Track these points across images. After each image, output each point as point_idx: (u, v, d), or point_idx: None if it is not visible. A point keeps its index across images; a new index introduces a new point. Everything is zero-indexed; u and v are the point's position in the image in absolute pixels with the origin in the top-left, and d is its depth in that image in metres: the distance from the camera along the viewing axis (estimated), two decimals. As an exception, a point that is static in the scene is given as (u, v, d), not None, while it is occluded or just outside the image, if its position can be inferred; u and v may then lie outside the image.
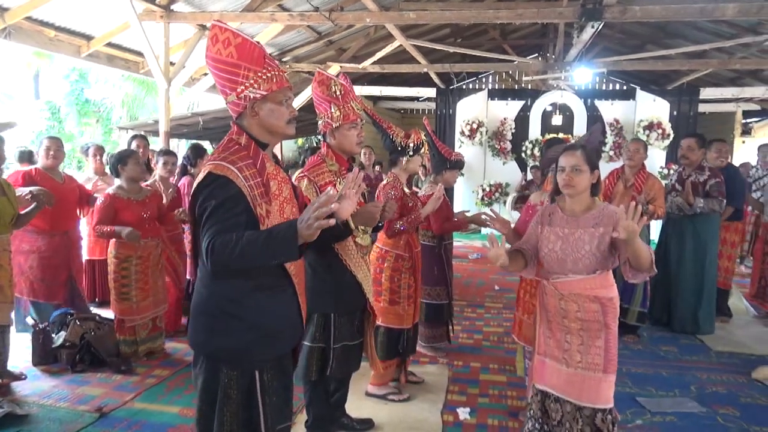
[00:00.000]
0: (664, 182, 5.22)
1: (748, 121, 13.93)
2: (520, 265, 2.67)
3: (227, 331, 1.90)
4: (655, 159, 10.57)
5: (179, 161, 5.21)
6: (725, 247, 5.34)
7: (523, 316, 3.30)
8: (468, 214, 4.08)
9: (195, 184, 1.88)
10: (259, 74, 1.91)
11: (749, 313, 5.62)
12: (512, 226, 3.15)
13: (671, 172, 5.12)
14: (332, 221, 1.71)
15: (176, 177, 5.04)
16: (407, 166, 3.48)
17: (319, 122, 2.78)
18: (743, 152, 12.48)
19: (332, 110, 2.70)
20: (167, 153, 5.05)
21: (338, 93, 2.71)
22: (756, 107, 12.95)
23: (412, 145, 3.41)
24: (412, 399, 3.63)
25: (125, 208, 4.12)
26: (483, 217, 3.43)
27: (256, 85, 1.91)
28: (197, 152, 5.17)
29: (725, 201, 4.90)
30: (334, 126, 2.72)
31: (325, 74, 2.75)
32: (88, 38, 6.66)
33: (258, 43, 1.96)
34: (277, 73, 1.95)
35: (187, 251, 4.94)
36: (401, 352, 3.62)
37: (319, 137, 3.18)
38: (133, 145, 5.40)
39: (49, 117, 18.55)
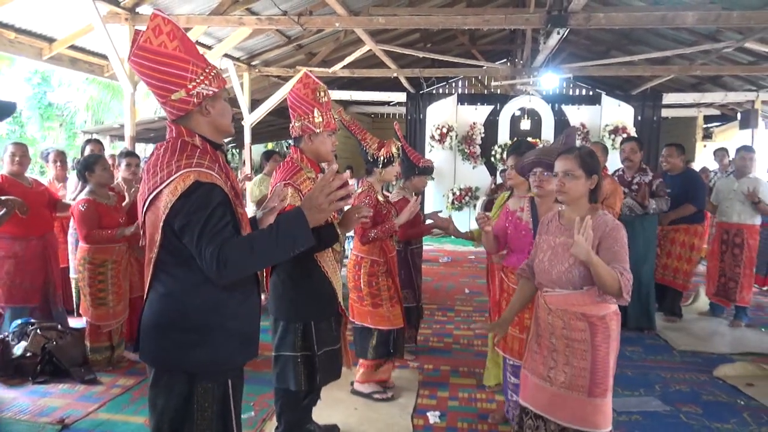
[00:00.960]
0: None
1: (709, 125, 14.35)
2: (490, 244, 2.82)
3: (206, 343, 1.81)
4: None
5: (143, 163, 5.11)
6: (684, 250, 5.46)
7: (510, 328, 3.14)
8: (441, 215, 4.08)
9: (175, 193, 1.70)
10: (207, 70, 1.80)
11: (715, 313, 5.76)
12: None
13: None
14: (349, 202, 1.68)
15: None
16: (382, 177, 3.57)
17: (296, 124, 2.70)
18: (705, 156, 12.83)
19: (315, 115, 2.66)
20: (129, 154, 4.92)
21: (323, 99, 2.68)
22: (716, 112, 13.36)
23: (382, 158, 3.47)
24: (382, 404, 3.63)
25: (106, 214, 4.07)
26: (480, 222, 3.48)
27: (207, 82, 1.79)
28: None
29: (669, 201, 5.10)
30: (315, 131, 2.68)
31: (313, 78, 2.70)
32: (50, 40, 6.50)
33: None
34: (218, 70, 1.87)
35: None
36: (392, 352, 3.70)
37: (289, 141, 3.17)
38: (88, 150, 5.27)
39: (10, 121, 18.03)
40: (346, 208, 2.52)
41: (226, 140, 1.97)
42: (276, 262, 1.74)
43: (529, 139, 11.12)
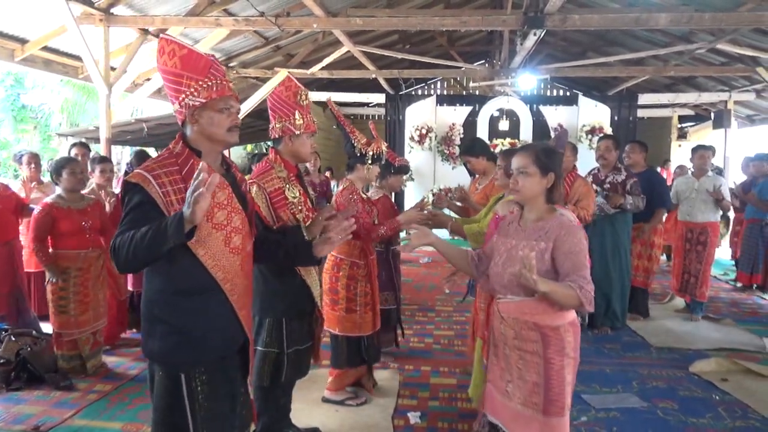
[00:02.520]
0: None
1: (684, 125, 14.61)
2: (455, 257, 2.47)
3: (155, 334, 1.95)
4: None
5: (123, 168, 5.06)
6: (645, 248, 5.53)
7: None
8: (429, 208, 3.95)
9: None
10: (200, 83, 1.96)
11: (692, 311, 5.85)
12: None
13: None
14: (205, 204, 1.63)
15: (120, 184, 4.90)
16: (365, 175, 3.49)
17: (277, 126, 2.72)
18: (680, 155, 13.06)
19: (296, 117, 2.70)
20: (103, 160, 4.85)
21: (304, 102, 2.73)
22: (690, 112, 13.60)
23: (371, 153, 3.43)
24: (363, 406, 3.62)
25: (64, 217, 3.97)
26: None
27: (195, 93, 1.96)
28: (140, 159, 5.03)
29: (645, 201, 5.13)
30: (296, 133, 2.71)
31: (294, 81, 2.75)
32: (23, 42, 6.38)
33: (211, 55, 2.03)
34: (218, 81, 1.99)
35: None
36: (365, 359, 3.62)
37: (269, 143, 3.16)
38: (73, 153, 5.21)
39: (-18, 124, 17.70)
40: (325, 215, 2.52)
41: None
42: (152, 253, 1.73)
43: (508, 140, 11.29)
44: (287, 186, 2.68)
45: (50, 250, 3.97)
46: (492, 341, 2.35)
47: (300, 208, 2.66)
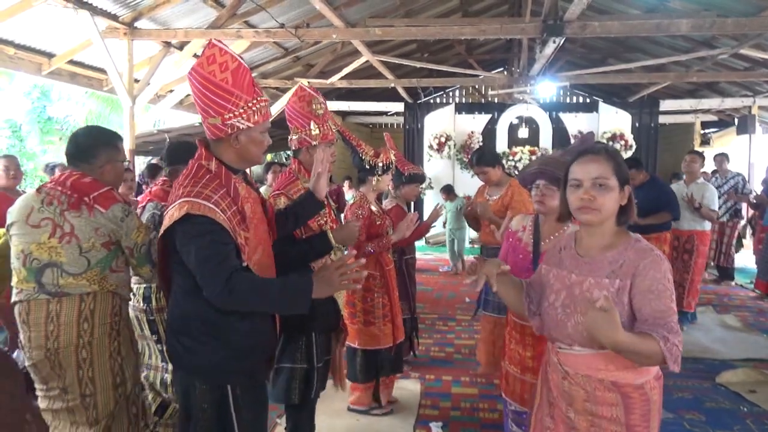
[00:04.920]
0: None
1: (707, 131, 14.39)
2: (512, 297, 1.95)
3: (201, 350, 1.91)
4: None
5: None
6: None
7: (510, 366, 2.61)
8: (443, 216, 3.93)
9: (171, 219, 1.80)
10: (249, 104, 1.87)
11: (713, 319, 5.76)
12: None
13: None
14: (358, 286, 1.90)
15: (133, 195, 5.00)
16: (376, 186, 3.47)
17: (294, 137, 2.72)
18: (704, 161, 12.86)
19: (312, 128, 2.67)
20: (126, 170, 4.96)
21: (320, 111, 2.68)
22: (714, 118, 13.40)
23: (381, 164, 3.41)
24: (384, 416, 3.62)
25: None
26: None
27: (245, 116, 1.86)
28: (152, 172, 5.12)
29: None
30: (312, 144, 2.68)
31: (308, 90, 2.70)
32: (50, 56, 6.54)
33: (247, 67, 1.93)
34: (264, 104, 1.93)
35: None
36: (378, 373, 3.60)
37: (288, 153, 3.18)
38: None
39: (10, 135, 18.09)
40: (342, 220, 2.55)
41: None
42: (269, 311, 1.95)
43: (527, 147, 11.24)
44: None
45: None
46: (546, 397, 1.87)
47: (325, 219, 2.67)
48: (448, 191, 8.76)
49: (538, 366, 2.29)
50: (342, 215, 3.73)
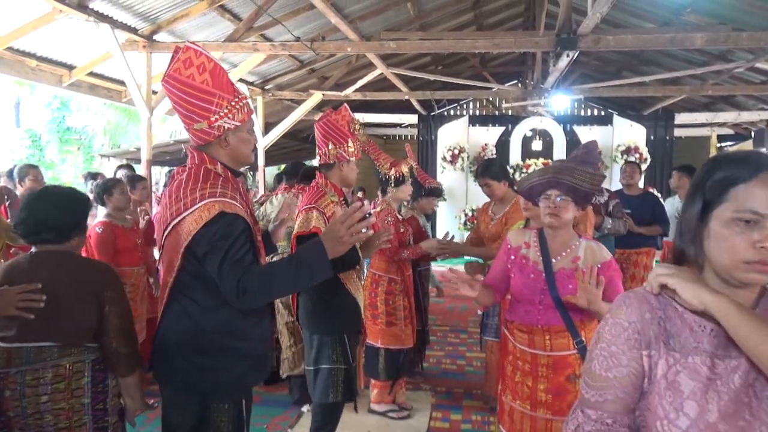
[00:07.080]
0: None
1: (723, 144, 14.27)
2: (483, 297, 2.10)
3: (220, 365, 1.86)
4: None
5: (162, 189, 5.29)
6: (638, 269, 5.26)
7: (514, 402, 2.32)
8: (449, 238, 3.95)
9: (199, 222, 1.76)
10: (233, 103, 1.85)
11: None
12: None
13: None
14: (370, 233, 1.83)
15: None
16: (396, 195, 3.73)
17: (331, 151, 2.79)
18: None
19: (349, 145, 2.80)
20: (141, 179, 5.15)
21: (356, 131, 2.85)
22: (730, 131, 13.29)
23: (393, 177, 3.61)
24: (395, 426, 3.63)
25: (121, 235, 4.10)
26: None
27: (230, 115, 1.84)
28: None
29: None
30: (348, 159, 2.81)
31: (349, 112, 2.85)
32: (70, 68, 6.67)
33: (222, 67, 1.90)
34: (245, 102, 1.91)
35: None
36: (400, 372, 3.77)
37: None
38: (119, 175, 5.40)
39: (30, 145, 18.41)
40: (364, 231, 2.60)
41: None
42: (295, 291, 1.88)
43: (541, 159, 11.23)
44: (339, 210, 2.76)
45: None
46: None
47: None
48: None
49: (554, 400, 2.17)
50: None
